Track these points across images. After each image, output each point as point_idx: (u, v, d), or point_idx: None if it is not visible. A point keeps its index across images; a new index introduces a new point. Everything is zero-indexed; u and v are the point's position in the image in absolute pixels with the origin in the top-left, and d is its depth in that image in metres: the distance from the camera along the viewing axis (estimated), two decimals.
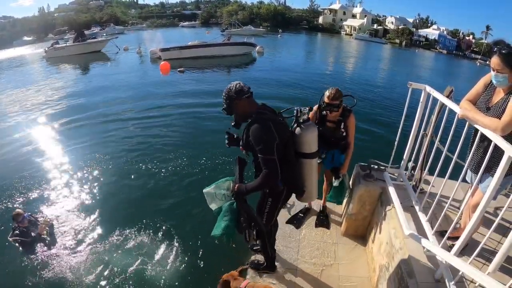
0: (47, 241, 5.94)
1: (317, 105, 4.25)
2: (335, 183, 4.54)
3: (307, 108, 3.22)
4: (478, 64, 61.25)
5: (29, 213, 6.26)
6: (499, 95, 2.83)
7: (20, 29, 79.00)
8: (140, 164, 8.85)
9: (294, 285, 4.19)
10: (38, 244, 5.87)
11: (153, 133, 11.12)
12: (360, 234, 4.95)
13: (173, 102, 15.01)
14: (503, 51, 2.59)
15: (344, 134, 4.27)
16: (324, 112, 4.17)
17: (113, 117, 12.83)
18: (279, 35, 67.87)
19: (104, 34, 57.29)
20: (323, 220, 5.26)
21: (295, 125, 3.30)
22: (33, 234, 5.87)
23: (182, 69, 22.71)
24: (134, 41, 49.22)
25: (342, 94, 4.05)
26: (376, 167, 4.61)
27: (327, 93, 4.04)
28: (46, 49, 35.24)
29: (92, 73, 25.51)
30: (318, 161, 4.48)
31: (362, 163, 4.68)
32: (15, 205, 7.02)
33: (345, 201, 5.00)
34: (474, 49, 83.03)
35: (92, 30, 68.99)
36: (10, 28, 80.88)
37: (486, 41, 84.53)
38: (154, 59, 28.69)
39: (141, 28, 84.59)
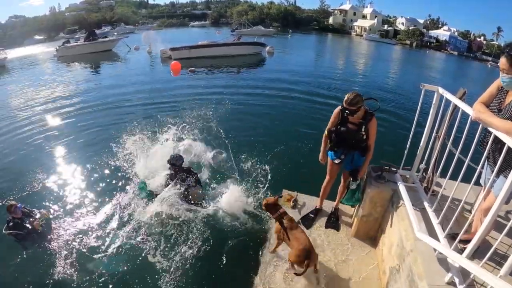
0: (42, 235, 6.00)
1: (339, 106, 4.27)
2: (353, 185, 4.55)
3: None
4: (489, 65, 60.51)
5: (23, 205, 6.31)
6: (510, 97, 2.83)
7: (31, 28, 79.58)
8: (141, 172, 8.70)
9: (304, 285, 4.20)
10: (33, 238, 5.93)
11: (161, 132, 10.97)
12: (371, 236, 4.95)
13: (182, 102, 15.01)
14: (511, 52, 2.62)
15: (365, 137, 4.28)
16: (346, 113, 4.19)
17: (120, 115, 12.93)
18: (289, 36, 67.67)
19: (115, 34, 57.77)
20: (334, 221, 5.26)
21: None
22: (29, 226, 5.92)
23: (192, 68, 22.85)
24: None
25: (362, 100, 4.05)
26: (387, 168, 4.60)
27: (345, 97, 4.07)
28: (58, 48, 35.62)
29: (103, 72, 25.84)
30: (337, 162, 4.52)
31: (374, 165, 4.68)
32: (15, 197, 7.14)
33: None
34: (485, 51, 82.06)
35: (103, 29, 69.51)
36: (21, 27, 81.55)
37: (497, 43, 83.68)
38: (165, 59, 28.85)
39: (151, 28, 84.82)
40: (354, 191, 4.60)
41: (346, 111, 4.12)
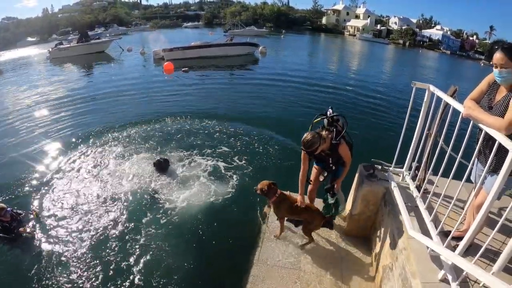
0: (30, 239, 5.93)
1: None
2: (331, 201, 4.52)
3: None
4: (482, 64, 60.77)
5: (11, 208, 6.29)
6: (501, 93, 2.83)
7: (23, 30, 78.95)
8: (133, 167, 8.59)
9: (297, 285, 4.18)
10: (21, 242, 5.87)
11: (155, 134, 10.83)
12: (364, 234, 4.94)
13: (177, 103, 14.97)
14: (506, 46, 2.63)
15: (333, 168, 4.34)
16: None
17: (112, 117, 12.81)
18: (282, 36, 67.76)
19: (108, 35, 57.49)
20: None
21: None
22: (16, 231, 5.92)
23: (186, 68, 22.79)
24: (137, 42, 49.35)
25: (318, 140, 3.95)
26: (379, 167, 4.59)
27: (304, 136, 4.03)
28: (50, 49, 35.39)
29: (96, 74, 25.64)
30: (321, 179, 4.70)
31: (366, 163, 4.67)
32: (4, 200, 7.06)
33: (350, 201, 4.99)
34: (478, 50, 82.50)
35: (96, 30, 69.27)
36: (14, 29, 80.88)
37: (489, 42, 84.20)
38: (157, 60, 28.76)
39: (144, 29, 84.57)
40: (334, 204, 4.57)
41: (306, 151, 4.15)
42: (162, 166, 8.14)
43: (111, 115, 12.95)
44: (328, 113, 4.22)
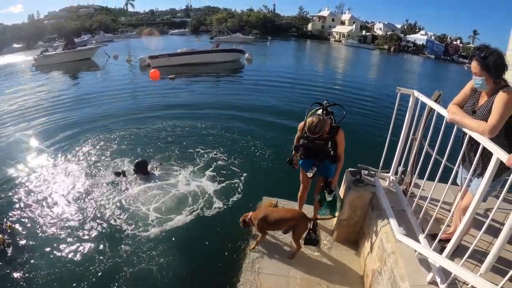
0: (5, 250, 5.68)
1: (303, 122, 4.14)
2: (329, 198, 4.38)
3: None
4: (466, 68, 61.32)
5: None
6: (483, 98, 2.90)
7: (9, 36, 77.79)
8: (113, 175, 8.34)
9: None
10: None
11: (140, 144, 10.50)
12: (352, 240, 4.94)
13: (164, 110, 14.84)
14: (480, 55, 2.70)
15: (332, 152, 4.22)
16: None
17: (98, 123, 12.62)
18: (268, 42, 67.93)
19: (94, 42, 57.03)
20: (313, 237, 5.02)
21: None
22: None
23: (173, 76, 22.70)
24: (123, 49, 49.09)
25: (325, 124, 3.89)
26: (366, 172, 4.62)
27: (309, 120, 3.92)
28: (36, 56, 34.80)
29: (81, 81, 25.28)
30: (310, 175, 4.41)
31: (352, 169, 4.69)
32: None
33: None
34: (462, 54, 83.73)
35: (82, 37, 68.71)
36: (0, 35, 79.94)
37: (473, 45, 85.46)
38: (143, 67, 28.63)
39: (131, 36, 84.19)
40: (332, 202, 4.45)
41: (310, 138, 4.04)
42: (141, 166, 8.09)
43: (96, 121, 12.79)
44: (324, 103, 4.23)
